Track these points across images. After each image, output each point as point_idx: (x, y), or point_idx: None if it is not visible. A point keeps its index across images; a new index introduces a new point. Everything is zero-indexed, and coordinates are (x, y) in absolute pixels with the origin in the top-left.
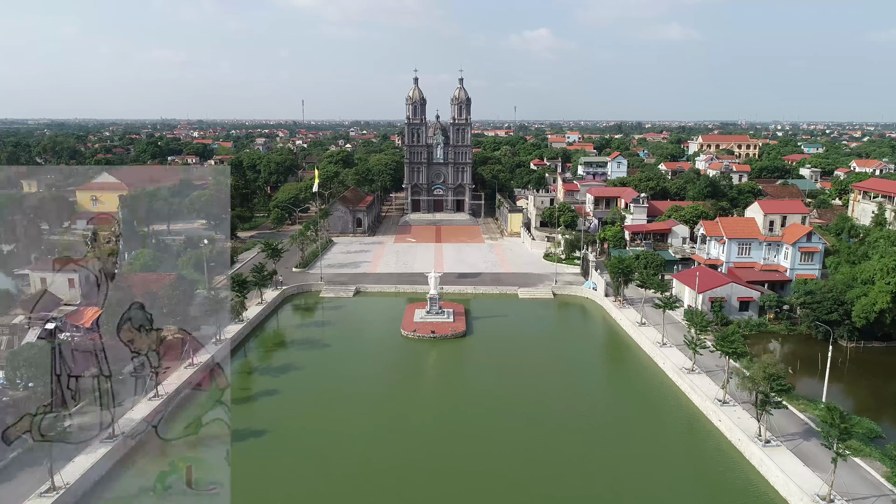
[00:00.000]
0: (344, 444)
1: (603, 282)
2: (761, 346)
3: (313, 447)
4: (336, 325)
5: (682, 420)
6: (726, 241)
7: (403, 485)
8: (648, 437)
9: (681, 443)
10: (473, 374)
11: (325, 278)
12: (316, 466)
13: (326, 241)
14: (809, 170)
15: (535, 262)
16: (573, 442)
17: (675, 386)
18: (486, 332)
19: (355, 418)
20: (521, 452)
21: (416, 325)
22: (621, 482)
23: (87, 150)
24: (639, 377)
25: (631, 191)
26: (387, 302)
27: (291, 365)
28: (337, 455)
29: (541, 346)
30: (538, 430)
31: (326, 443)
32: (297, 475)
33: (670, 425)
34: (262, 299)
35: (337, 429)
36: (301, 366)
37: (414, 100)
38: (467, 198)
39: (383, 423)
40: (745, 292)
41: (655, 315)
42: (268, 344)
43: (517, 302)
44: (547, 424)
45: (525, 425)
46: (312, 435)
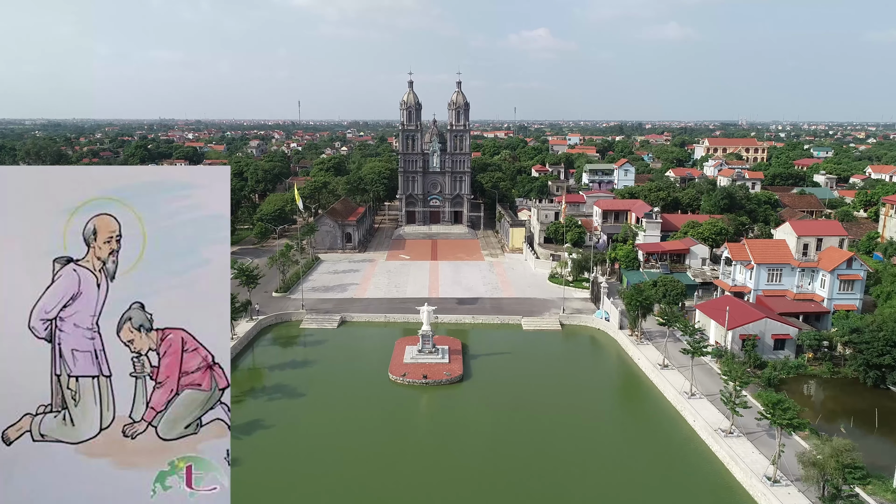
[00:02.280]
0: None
1: (617, 312)
2: (800, 390)
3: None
4: (315, 366)
5: (722, 501)
6: (754, 266)
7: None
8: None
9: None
10: (469, 433)
11: (308, 305)
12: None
13: (312, 259)
14: (824, 176)
15: (540, 285)
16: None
17: (710, 452)
18: (486, 376)
19: (329, 488)
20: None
21: (405, 367)
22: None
23: (74, 152)
24: (664, 437)
25: (642, 203)
26: (375, 334)
27: (258, 423)
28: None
29: (548, 394)
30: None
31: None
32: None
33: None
34: (233, 333)
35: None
36: (270, 422)
37: (408, 104)
38: (465, 209)
39: (363, 494)
40: (780, 328)
41: (679, 353)
42: (234, 393)
43: (520, 334)
44: (556, 498)
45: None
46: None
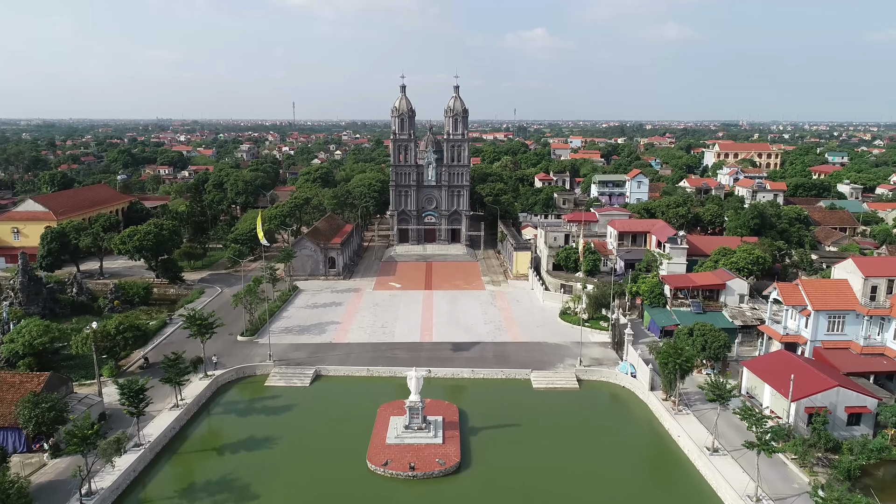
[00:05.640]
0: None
1: (648, 369)
2: (885, 479)
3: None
4: (276, 446)
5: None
6: (811, 312)
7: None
8: None
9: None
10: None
11: (278, 353)
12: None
13: (289, 290)
14: (849, 187)
15: (550, 323)
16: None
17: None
18: (488, 461)
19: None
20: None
21: (388, 450)
22: None
23: (56, 157)
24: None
25: (663, 225)
26: (354, 396)
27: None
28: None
29: (566, 489)
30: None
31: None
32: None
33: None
34: (178, 400)
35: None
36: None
37: (401, 111)
38: (464, 227)
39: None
40: (856, 399)
41: (730, 429)
42: (164, 491)
43: (530, 394)
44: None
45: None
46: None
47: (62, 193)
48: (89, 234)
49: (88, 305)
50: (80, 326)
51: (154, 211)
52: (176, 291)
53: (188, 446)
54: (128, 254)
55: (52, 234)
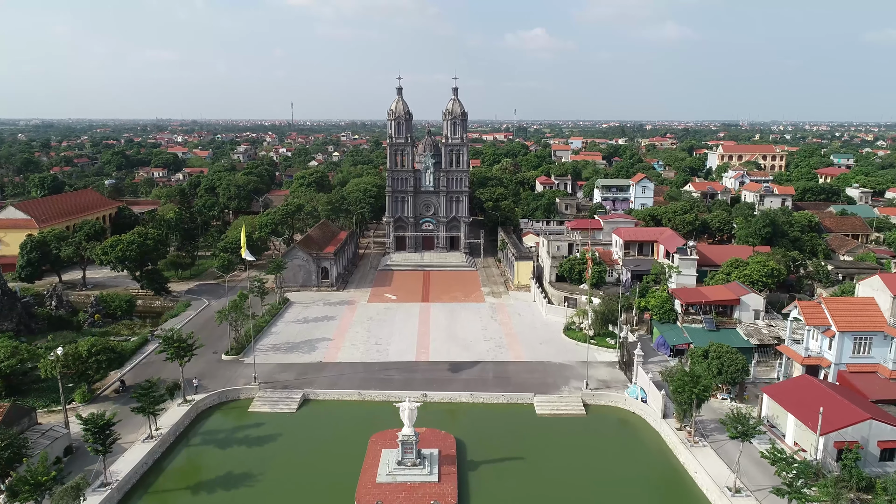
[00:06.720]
0: None
1: (661, 395)
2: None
3: None
4: (257, 483)
5: None
6: (836, 333)
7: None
8: None
9: None
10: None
11: (264, 374)
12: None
13: (280, 302)
14: (858, 191)
15: (554, 340)
16: None
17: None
18: (489, 501)
19: None
20: None
21: (379, 490)
22: None
23: (49, 159)
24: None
25: (671, 233)
26: (344, 423)
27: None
28: None
29: None
30: None
31: None
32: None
33: None
34: (153, 431)
35: None
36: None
37: (397, 114)
38: (463, 234)
39: None
40: (891, 433)
41: (751, 463)
42: None
43: (533, 421)
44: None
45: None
46: None
47: (46, 200)
48: (71, 244)
49: (67, 320)
50: (55, 345)
51: (142, 217)
52: (161, 303)
53: (162, 483)
54: (110, 264)
55: (32, 243)
